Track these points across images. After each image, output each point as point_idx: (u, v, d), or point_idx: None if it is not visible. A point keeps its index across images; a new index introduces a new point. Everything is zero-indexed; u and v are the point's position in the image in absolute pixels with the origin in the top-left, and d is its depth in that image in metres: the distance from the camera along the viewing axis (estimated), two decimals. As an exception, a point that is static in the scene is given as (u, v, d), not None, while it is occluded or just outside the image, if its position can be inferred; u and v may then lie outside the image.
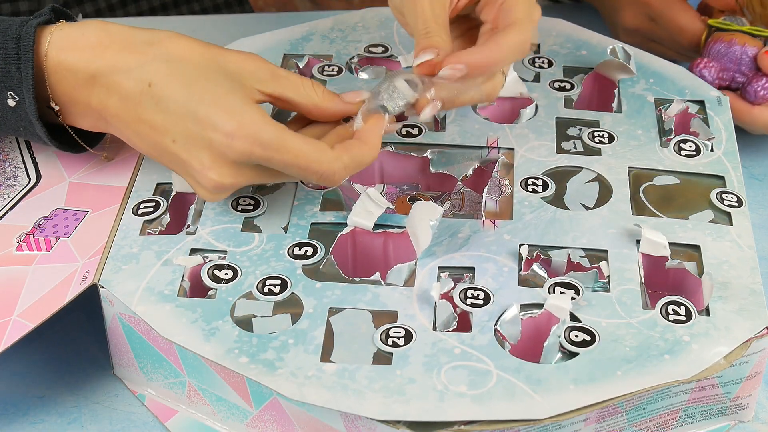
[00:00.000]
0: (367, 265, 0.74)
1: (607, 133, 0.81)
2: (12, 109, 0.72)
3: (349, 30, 0.91)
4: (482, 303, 0.68)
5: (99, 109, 0.71)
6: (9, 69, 0.71)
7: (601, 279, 0.71)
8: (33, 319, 0.68)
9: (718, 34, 0.88)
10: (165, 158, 0.71)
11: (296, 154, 0.68)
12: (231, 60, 0.70)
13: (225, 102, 0.68)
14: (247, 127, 0.67)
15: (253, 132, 0.67)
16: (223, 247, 0.72)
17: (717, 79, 0.87)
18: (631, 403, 0.65)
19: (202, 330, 0.67)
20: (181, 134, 0.68)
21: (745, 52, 0.87)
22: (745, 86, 0.87)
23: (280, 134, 0.68)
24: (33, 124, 0.72)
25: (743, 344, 0.67)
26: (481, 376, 0.64)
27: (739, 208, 0.75)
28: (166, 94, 0.68)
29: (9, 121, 0.73)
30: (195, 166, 0.69)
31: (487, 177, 0.78)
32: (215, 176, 0.68)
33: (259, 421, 0.68)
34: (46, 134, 0.73)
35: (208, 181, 0.69)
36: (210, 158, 0.68)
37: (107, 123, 0.72)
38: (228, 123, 0.67)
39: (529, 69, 0.88)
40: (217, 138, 0.67)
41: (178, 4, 1.18)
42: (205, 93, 0.68)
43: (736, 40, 0.87)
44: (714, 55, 0.88)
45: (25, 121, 0.72)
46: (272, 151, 0.67)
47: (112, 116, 0.71)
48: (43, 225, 0.75)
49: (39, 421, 0.71)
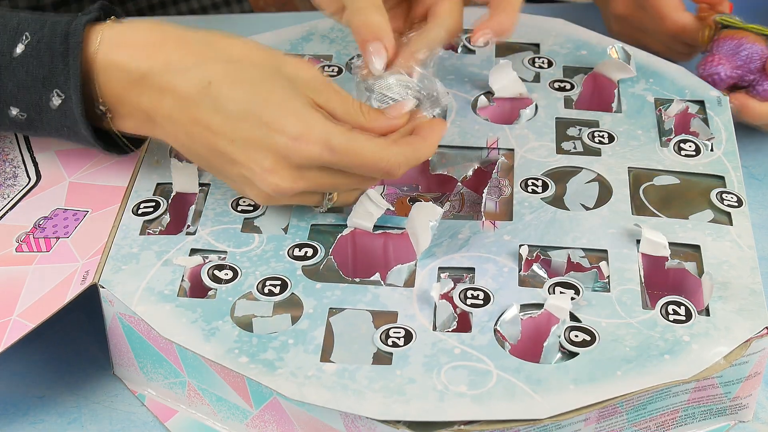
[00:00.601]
0: (367, 266, 0.74)
1: (607, 133, 0.81)
2: (56, 109, 0.70)
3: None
4: (482, 303, 0.68)
5: (149, 109, 0.69)
6: (55, 66, 0.69)
7: (601, 279, 0.71)
8: (33, 319, 0.68)
9: (727, 31, 0.88)
10: (216, 161, 0.69)
11: (363, 154, 0.67)
12: (289, 64, 0.69)
13: (290, 105, 0.67)
14: (316, 130, 0.66)
15: (322, 135, 0.66)
16: (223, 247, 0.72)
17: (729, 77, 0.87)
18: (631, 403, 0.65)
19: (202, 330, 0.67)
20: (240, 136, 0.67)
21: (755, 50, 0.87)
22: (755, 85, 0.87)
23: (348, 135, 0.67)
24: (78, 124, 0.70)
25: (743, 344, 0.67)
26: (481, 376, 0.64)
27: (739, 208, 0.75)
28: (226, 95, 0.67)
29: (52, 121, 0.71)
30: (254, 168, 0.67)
31: (487, 178, 0.78)
32: (277, 179, 0.67)
33: (259, 421, 0.68)
34: (92, 135, 0.72)
35: (267, 184, 0.68)
36: (272, 161, 0.67)
37: (155, 125, 0.70)
38: (295, 126, 0.66)
39: (529, 69, 0.88)
40: (282, 141, 0.66)
41: (177, 2, 1.17)
42: (269, 95, 0.67)
43: (747, 38, 0.87)
44: (725, 53, 0.87)
45: (70, 121, 0.71)
46: (341, 153, 0.67)
47: (164, 117, 0.69)
48: (43, 225, 0.75)
49: (39, 421, 0.71)
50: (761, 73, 0.87)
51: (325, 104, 0.69)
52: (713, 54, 0.88)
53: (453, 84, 0.85)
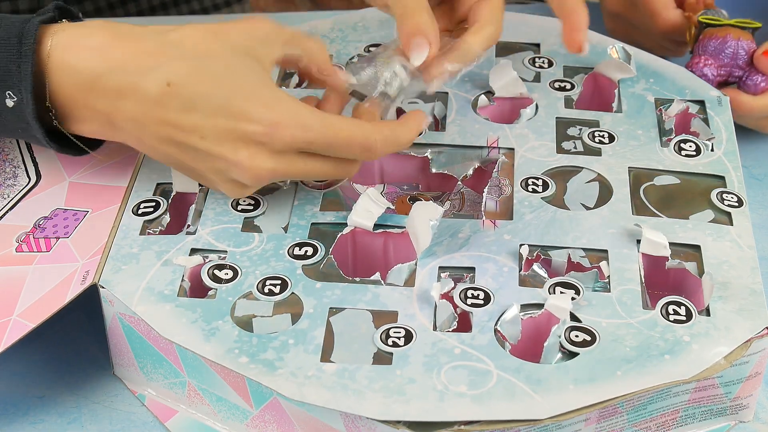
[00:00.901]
0: (368, 265, 0.74)
1: (607, 133, 0.81)
2: (10, 110, 0.70)
3: (349, 30, 0.91)
4: (482, 303, 0.68)
5: (107, 112, 0.69)
6: (9, 68, 0.68)
7: (601, 279, 0.71)
8: (33, 319, 0.68)
9: (710, 30, 0.88)
10: (187, 159, 0.69)
11: (340, 129, 0.68)
12: (239, 37, 0.70)
13: (258, 93, 0.67)
14: (288, 115, 0.67)
15: (295, 119, 0.67)
16: (223, 247, 0.72)
17: (717, 76, 0.87)
18: (631, 403, 0.65)
19: (202, 330, 0.67)
20: (212, 132, 0.67)
21: (740, 46, 0.87)
22: (745, 79, 0.87)
23: (321, 115, 0.68)
24: (31, 126, 0.70)
25: (743, 344, 0.67)
26: (481, 376, 0.64)
27: (740, 208, 0.75)
28: (190, 93, 0.67)
29: (8, 122, 0.71)
30: (230, 158, 0.67)
31: (487, 177, 0.78)
32: (255, 168, 0.68)
33: (259, 421, 0.68)
34: (45, 136, 0.71)
35: (244, 174, 0.68)
36: (247, 150, 0.67)
37: (115, 128, 0.70)
38: (268, 114, 0.67)
39: (529, 69, 0.88)
40: (258, 130, 0.67)
41: (178, 3, 1.18)
42: (234, 86, 0.67)
43: (731, 35, 0.87)
44: (711, 53, 0.88)
45: (24, 123, 0.70)
46: (317, 131, 0.68)
47: (126, 120, 0.68)
48: (43, 225, 0.75)
49: (39, 421, 0.71)
50: (749, 66, 0.87)
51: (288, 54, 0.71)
52: (699, 55, 0.88)
53: (453, 83, 0.85)
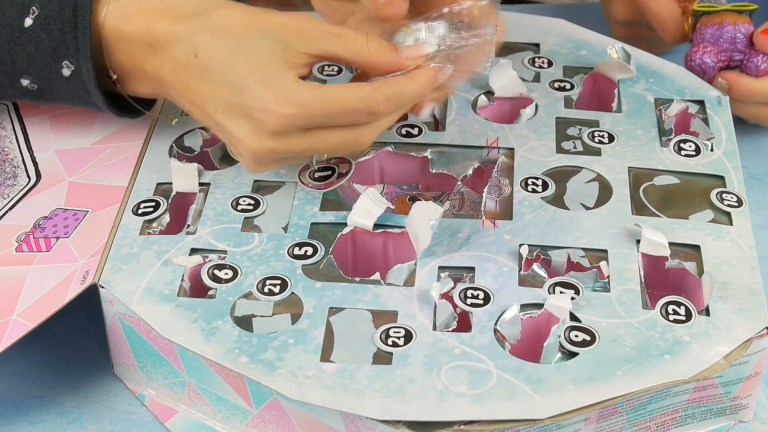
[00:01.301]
0: (367, 265, 0.74)
1: (607, 133, 0.81)
2: (67, 79, 0.74)
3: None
4: (482, 303, 0.68)
5: (155, 76, 0.73)
6: (65, 38, 0.72)
7: (601, 279, 0.71)
8: (33, 319, 0.68)
9: (706, 17, 0.88)
10: (212, 126, 0.72)
11: (336, 99, 0.68)
12: (274, 24, 0.70)
13: (262, 73, 0.68)
14: (283, 96, 0.68)
15: (289, 99, 0.67)
16: (223, 247, 0.72)
17: (718, 62, 0.87)
18: (631, 403, 0.65)
19: (202, 330, 0.67)
20: (222, 105, 0.69)
21: (738, 30, 0.87)
22: (746, 62, 0.87)
23: (315, 89, 0.68)
24: (90, 93, 0.74)
25: (743, 344, 0.67)
26: (481, 376, 0.64)
27: (739, 208, 0.75)
28: (208, 65, 0.70)
29: (62, 91, 0.75)
30: (235, 134, 0.70)
31: (487, 177, 0.78)
32: (255, 146, 0.69)
33: (259, 421, 0.68)
34: (105, 101, 0.75)
35: (246, 148, 0.70)
36: (250, 129, 0.69)
37: (164, 90, 0.73)
38: (264, 95, 0.68)
39: (529, 69, 0.88)
40: (256, 108, 0.68)
41: None
42: (244, 63, 0.69)
43: (727, 20, 0.87)
44: (709, 39, 0.87)
45: (81, 90, 0.74)
46: (311, 106, 0.68)
47: (167, 84, 0.72)
48: (43, 225, 0.75)
49: (39, 421, 0.71)
50: (749, 49, 0.87)
51: (323, 52, 0.70)
52: (697, 44, 0.88)
53: (453, 84, 0.85)
